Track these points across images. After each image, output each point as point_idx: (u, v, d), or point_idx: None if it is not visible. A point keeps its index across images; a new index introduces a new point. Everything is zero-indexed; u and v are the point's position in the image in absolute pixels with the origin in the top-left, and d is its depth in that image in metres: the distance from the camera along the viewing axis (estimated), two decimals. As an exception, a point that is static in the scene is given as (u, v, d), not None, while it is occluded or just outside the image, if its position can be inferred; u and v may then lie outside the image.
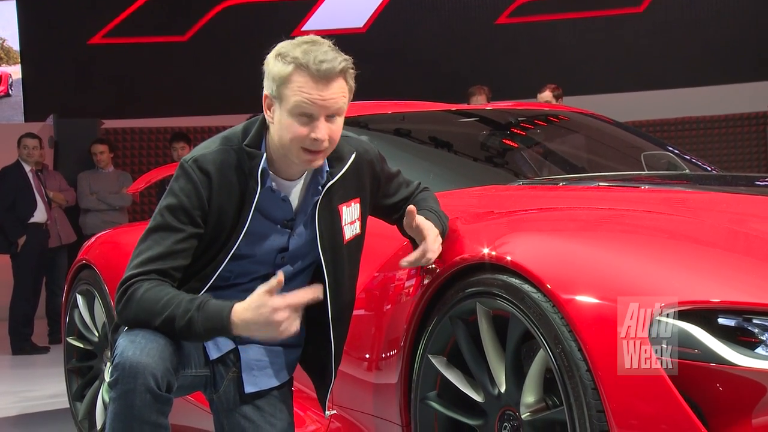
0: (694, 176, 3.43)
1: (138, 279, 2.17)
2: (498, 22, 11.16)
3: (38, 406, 5.19)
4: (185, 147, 8.04)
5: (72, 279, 4.25)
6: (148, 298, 2.14)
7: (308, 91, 2.17)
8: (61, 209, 8.17)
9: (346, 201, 2.38)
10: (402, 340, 2.45)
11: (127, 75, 11.14)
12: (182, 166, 2.25)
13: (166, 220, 2.22)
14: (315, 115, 2.18)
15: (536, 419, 2.13)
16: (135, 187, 5.52)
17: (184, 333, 2.12)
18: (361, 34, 11.20)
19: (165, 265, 2.19)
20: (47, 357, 7.36)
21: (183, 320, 2.10)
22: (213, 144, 2.29)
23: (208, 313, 2.10)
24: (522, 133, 3.83)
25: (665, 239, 2.18)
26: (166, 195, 2.25)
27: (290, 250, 2.36)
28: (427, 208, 2.45)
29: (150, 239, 2.22)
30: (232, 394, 2.39)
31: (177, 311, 2.11)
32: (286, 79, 2.18)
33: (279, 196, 2.30)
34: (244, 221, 2.26)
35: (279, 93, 2.20)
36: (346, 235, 2.38)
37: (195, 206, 2.22)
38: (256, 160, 2.25)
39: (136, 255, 2.22)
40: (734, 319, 1.86)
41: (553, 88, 6.77)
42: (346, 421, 2.70)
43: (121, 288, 2.18)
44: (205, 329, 2.11)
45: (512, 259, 2.15)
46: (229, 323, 2.09)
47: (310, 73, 2.16)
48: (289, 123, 2.19)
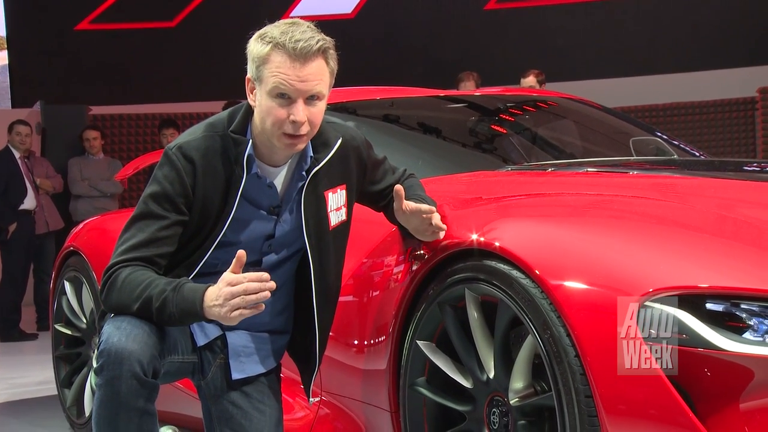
0: (683, 162, 3.44)
1: (121, 266, 2.17)
2: (487, 8, 11.14)
3: (26, 392, 5.18)
4: (174, 133, 8.01)
5: (60, 266, 4.24)
6: (129, 282, 2.14)
7: (285, 71, 2.16)
8: (48, 196, 8.13)
9: (332, 187, 2.37)
10: (390, 326, 2.44)
11: (115, 61, 11.08)
12: (166, 153, 2.24)
13: (149, 208, 2.21)
14: (293, 96, 2.17)
15: (525, 405, 2.13)
16: (123, 173, 5.49)
17: (160, 315, 2.10)
18: (350, 20, 11.16)
19: (149, 252, 2.18)
20: (35, 344, 7.34)
21: (158, 301, 2.09)
22: (198, 131, 2.28)
23: (182, 294, 2.09)
24: (511, 119, 3.82)
25: (653, 225, 2.18)
26: (150, 183, 2.24)
27: (276, 237, 2.35)
28: (413, 196, 2.44)
29: (134, 227, 2.22)
30: (219, 380, 2.39)
31: (153, 292, 2.10)
32: (264, 59, 2.17)
33: (265, 182, 2.29)
34: (230, 208, 2.25)
35: (258, 75, 2.20)
36: (332, 222, 2.38)
37: (179, 193, 2.21)
38: (241, 146, 2.24)
39: (120, 243, 2.22)
40: (722, 304, 1.86)
41: (537, 74, 6.76)
42: (334, 407, 2.70)
43: (105, 275, 2.18)
44: (179, 310, 2.09)
45: (500, 245, 2.15)
46: (201, 305, 2.08)
47: (287, 51, 2.15)
48: (269, 105, 2.19)
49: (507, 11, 11.11)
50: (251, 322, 2.33)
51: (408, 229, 2.39)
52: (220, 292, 2.06)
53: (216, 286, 2.08)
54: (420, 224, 2.33)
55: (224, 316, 2.06)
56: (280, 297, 2.42)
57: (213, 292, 2.08)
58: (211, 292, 2.08)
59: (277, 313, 2.44)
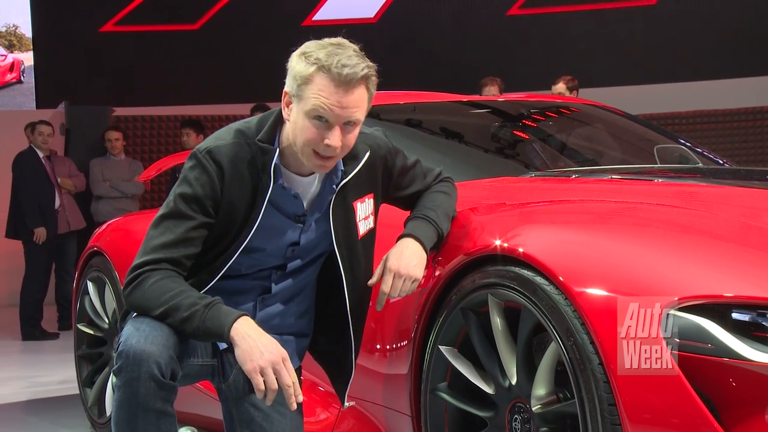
0: (708, 170, 3.42)
1: (150, 267, 2.17)
2: (509, 14, 11.12)
3: (47, 391, 5.21)
4: (190, 133, 8.08)
5: (83, 266, 4.26)
6: (159, 286, 2.14)
7: (327, 96, 2.13)
8: (70, 195, 8.18)
9: (360, 197, 2.37)
10: (413, 330, 2.44)
11: (139, 63, 11.15)
12: (195, 155, 2.24)
13: (178, 208, 2.21)
14: (331, 121, 2.15)
15: (547, 412, 2.12)
16: (146, 174, 5.52)
17: (182, 325, 2.11)
18: (372, 24, 11.16)
19: (176, 253, 2.19)
20: (56, 343, 7.39)
21: (186, 312, 2.09)
22: (228, 136, 2.27)
23: (214, 312, 2.09)
24: (534, 124, 3.81)
25: (678, 233, 2.17)
26: (180, 183, 2.24)
27: (302, 244, 2.35)
28: (419, 215, 2.43)
29: (162, 226, 2.22)
30: (241, 383, 2.39)
31: (183, 302, 2.10)
32: (307, 79, 2.15)
33: (290, 193, 2.29)
34: (256, 215, 2.24)
35: (298, 92, 2.17)
36: (361, 231, 2.38)
37: (208, 196, 2.21)
38: (269, 155, 2.24)
39: (147, 240, 2.22)
40: (748, 313, 1.85)
41: (567, 80, 6.69)
42: (355, 411, 2.70)
43: (132, 273, 2.18)
44: (204, 327, 2.09)
45: (524, 251, 2.15)
46: (229, 331, 2.07)
47: (332, 76, 2.13)
48: (305, 125, 2.17)
49: (529, 17, 11.09)
50: (275, 325, 2.34)
51: None
52: (268, 347, 2.06)
53: (258, 331, 2.08)
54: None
55: (251, 357, 2.05)
56: (303, 299, 2.43)
57: (250, 328, 2.08)
58: (248, 326, 2.08)
59: (299, 316, 2.45)
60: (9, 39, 11.64)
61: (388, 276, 2.32)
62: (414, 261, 2.33)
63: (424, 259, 2.36)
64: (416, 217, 2.43)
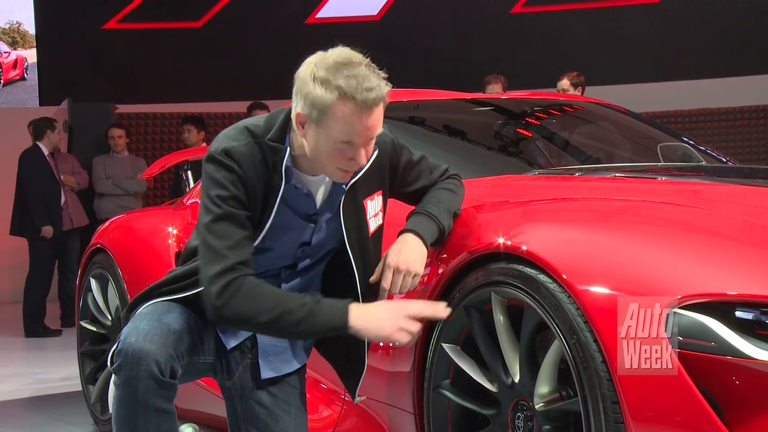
0: (711, 168, 3.41)
1: (232, 275, 2.14)
2: (513, 12, 11.11)
3: (50, 388, 5.22)
4: (191, 130, 8.10)
5: (86, 263, 4.26)
6: (257, 294, 2.14)
7: (353, 123, 2.11)
8: (73, 192, 8.19)
9: (370, 195, 2.36)
10: (416, 328, 2.44)
11: (142, 60, 11.14)
12: (214, 158, 2.19)
13: (224, 209, 2.17)
14: (358, 144, 2.15)
15: (550, 410, 2.13)
16: (149, 172, 5.53)
17: (297, 326, 2.15)
18: (375, 22, 11.15)
19: (244, 253, 2.18)
20: (59, 340, 7.38)
21: (300, 312, 2.14)
22: (239, 135, 2.23)
23: (325, 305, 2.17)
24: (537, 123, 3.81)
25: (682, 231, 2.17)
26: (210, 187, 2.19)
27: (312, 244, 2.35)
28: (420, 211, 2.43)
29: (216, 232, 2.17)
30: (247, 380, 2.39)
31: (290, 304, 2.15)
32: (329, 107, 2.10)
33: (302, 191, 2.28)
34: (269, 214, 2.23)
35: (319, 119, 2.12)
36: (371, 228, 2.37)
37: (241, 192, 2.19)
38: (279, 154, 2.22)
39: (209, 249, 2.16)
40: (752, 312, 1.85)
41: (573, 76, 6.62)
42: (358, 409, 2.70)
43: (216, 285, 2.13)
44: (322, 323, 2.16)
45: (528, 248, 2.15)
46: (348, 319, 2.16)
47: (356, 104, 2.10)
48: (330, 149, 2.15)
49: (533, 15, 11.07)
50: None
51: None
52: (385, 317, 2.18)
53: (367, 309, 2.20)
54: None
55: (381, 334, 2.18)
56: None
57: (361, 311, 2.19)
58: (359, 311, 2.18)
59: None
60: (12, 36, 11.65)
61: (387, 272, 2.32)
62: (414, 256, 2.32)
63: (424, 254, 2.35)
64: (417, 213, 2.43)
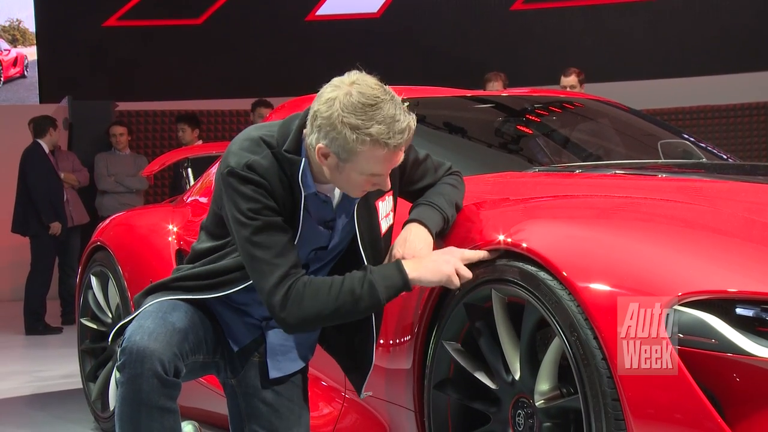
0: (711, 165, 3.41)
1: (288, 280, 2.15)
2: (513, 8, 11.10)
3: (51, 386, 5.22)
4: (185, 129, 8.10)
5: (86, 260, 4.27)
6: (313, 289, 2.16)
7: (384, 161, 2.14)
8: (74, 190, 8.19)
9: (381, 195, 2.36)
10: (416, 325, 2.44)
11: (142, 57, 11.14)
12: (237, 174, 2.17)
13: (262, 220, 2.17)
14: (385, 173, 2.18)
15: (550, 407, 2.13)
16: (149, 169, 5.52)
17: (361, 300, 2.16)
18: (375, 19, 11.15)
19: (292, 257, 2.18)
20: (60, 337, 7.39)
21: (362, 287, 2.17)
22: (257, 148, 2.21)
23: (380, 273, 2.20)
24: (538, 120, 3.81)
25: (682, 228, 2.17)
26: (240, 201, 2.17)
27: (328, 249, 2.35)
28: (423, 201, 2.43)
29: (259, 244, 2.16)
30: (253, 378, 2.40)
31: (351, 284, 2.17)
32: (360, 152, 2.11)
33: (321, 198, 2.28)
34: (296, 224, 2.23)
35: (347, 157, 2.12)
36: (383, 229, 2.37)
37: (270, 201, 2.18)
38: (295, 165, 2.20)
39: (258, 263, 2.17)
40: (752, 309, 1.85)
41: (578, 72, 6.58)
42: (358, 406, 2.70)
43: (275, 296, 2.15)
44: (386, 288, 2.18)
45: (528, 246, 2.15)
46: (406, 276, 2.20)
47: (389, 148, 2.11)
48: (357, 180, 2.17)
49: (533, 12, 11.07)
50: None
51: None
52: (437, 263, 2.23)
53: (417, 261, 2.24)
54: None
55: (438, 278, 2.22)
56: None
57: (413, 264, 2.23)
58: (410, 265, 2.22)
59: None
60: (12, 34, 11.64)
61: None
62: (420, 245, 2.31)
63: (430, 243, 2.33)
64: (420, 204, 2.42)
